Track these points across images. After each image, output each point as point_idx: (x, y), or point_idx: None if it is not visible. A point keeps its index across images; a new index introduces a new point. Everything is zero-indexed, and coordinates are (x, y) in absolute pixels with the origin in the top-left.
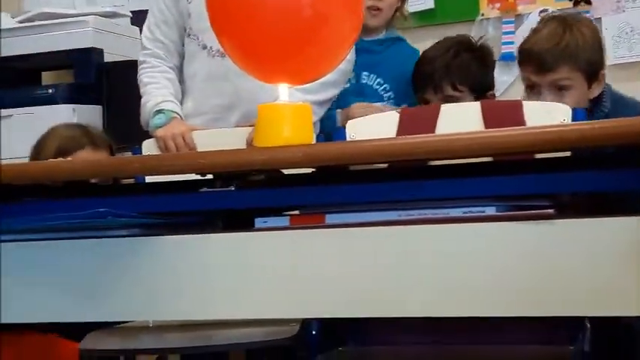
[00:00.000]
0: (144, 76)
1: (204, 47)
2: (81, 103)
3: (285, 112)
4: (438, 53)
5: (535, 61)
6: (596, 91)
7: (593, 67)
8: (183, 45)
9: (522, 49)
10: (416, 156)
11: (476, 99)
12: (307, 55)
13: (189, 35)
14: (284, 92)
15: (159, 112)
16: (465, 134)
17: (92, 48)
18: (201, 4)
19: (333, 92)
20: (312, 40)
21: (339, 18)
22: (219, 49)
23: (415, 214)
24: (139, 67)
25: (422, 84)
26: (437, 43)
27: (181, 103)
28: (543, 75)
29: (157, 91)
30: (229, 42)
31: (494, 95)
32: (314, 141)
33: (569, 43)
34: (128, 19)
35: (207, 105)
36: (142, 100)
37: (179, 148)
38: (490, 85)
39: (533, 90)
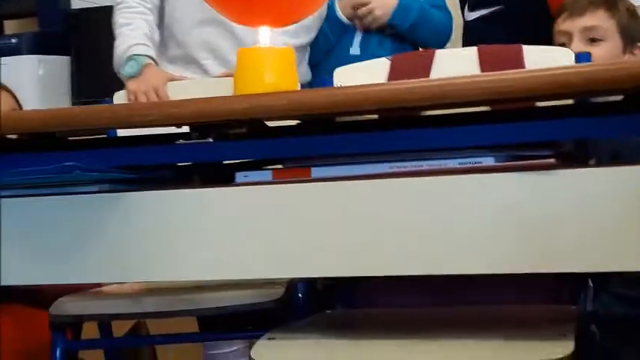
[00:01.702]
0: (119, 17)
1: None
2: (47, 54)
3: (267, 56)
4: None
5: (568, 5)
6: None
7: (631, 31)
8: None
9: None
10: (407, 103)
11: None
12: None
13: None
14: (265, 35)
15: (130, 58)
16: (459, 78)
17: None
18: None
19: (310, 36)
20: None
21: None
22: None
23: (408, 165)
24: (115, 7)
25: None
26: None
27: (162, 48)
28: (574, 20)
29: (130, 32)
30: None
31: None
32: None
33: None
34: None
35: (197, 54)
36: (115, 44)
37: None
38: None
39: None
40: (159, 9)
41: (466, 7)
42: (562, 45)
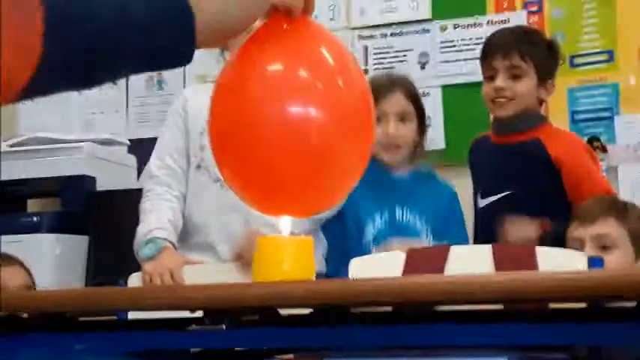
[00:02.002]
0: (146, 203)
1: (217, 180)
2: (67, 233)
3: (287, 245)
4: (513, 29)
5: (580, 213)
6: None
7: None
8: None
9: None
10: (422, 298)
11: (538, 81)
12: (314, 187)
13: (199, 167)
14: (286, 225)
15: (149, 241)
16: (473, 277)
17: (84, 176)
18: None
19: (316, 225)
20: (320, 171)
21: (347, 147)
22: None
23: None
24: (144, 195)
25: (491, 51)
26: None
27: (183, 238)
28: (586, 227)
29: (154, 217)
30: (230, 172)
31: (553, 86)
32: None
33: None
34: (125, 147)
35: (214, 239)
36: (137, 228)
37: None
38: (553, 74)
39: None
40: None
41: (478, 194)
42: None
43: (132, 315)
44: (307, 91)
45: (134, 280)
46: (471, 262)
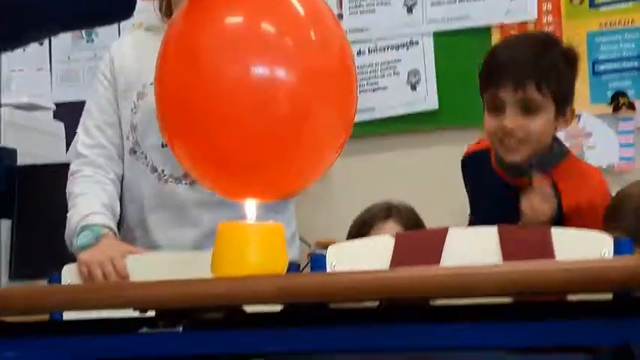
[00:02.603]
0: (74, 186)
1: (154, 170)
2: None
3: (252, 233)
4: (523, 42)
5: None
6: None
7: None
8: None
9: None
10: (415, 294)
11: (556, 113)
12: (285, 163)
13: (133, 152)
14: (251, 209)
15: (84, 228)
16: (477, 269)
17: (2, 148)
18: (150, 114)
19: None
20: (291, 145)
21: (324, 115)
22: (172, 173)
23: None
24: (71, 177)
25: (498, 76)
26: (514, 36)
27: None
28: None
29: (86, 202)
30: (183, 146)
31: (573, 112)
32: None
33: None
34: (50, 113)
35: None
36: (68, 216)
37: (107, 278)
38: (572, 97)
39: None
40: (121, 182)
41: (474, 217)
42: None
43: (67, 315)
44: (273, 48)
45: (69, 273)
46: (473, 247)
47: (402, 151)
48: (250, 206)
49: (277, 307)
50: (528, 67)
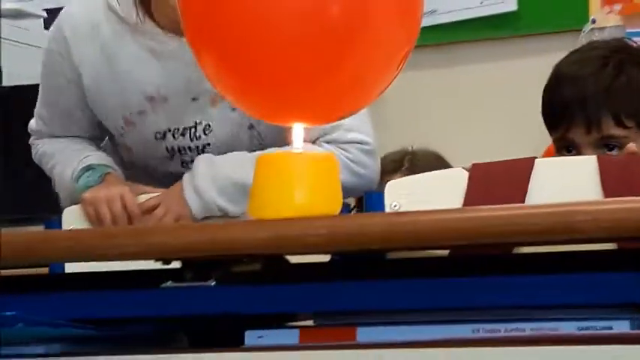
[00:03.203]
0: (45, 146)
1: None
2: None
3: (299, 164)
4: (590, 68)
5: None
6: None
7: None
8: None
9: None
10: (499, 238)
11: None
12: (336, 80)
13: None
14: (299, 136)
15: (85, 169)
16: (576, 206)
17: None
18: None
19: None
20: (343, 57)
21: (384, 19)
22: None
23: (500, 329)
24: (32, 143)
25: (564, 116)
26: (576, 51)
27: None
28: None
29: (72, 153)
30: (212, 57)
31: None
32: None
33: None
34: (41, 22)
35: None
36: (54, 174)
37: (116, 217)
38: None
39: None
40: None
41: None
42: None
43: (69, 267)
44: None
45: (71, 217)
46: (565, 181)
47: (471, 64)
48: (297, 131)
49: (325, 258)
50: (599, 99)
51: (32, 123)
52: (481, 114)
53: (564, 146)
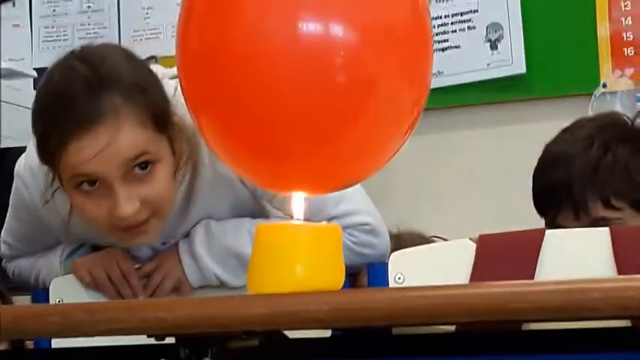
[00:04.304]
0: (22, 263)
1: None
2: None
3: (301, 236)
4: (576, 148)
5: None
6: None
7: None
8: None
9: None
10: (508, 315)
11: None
12: (340, 148)
13: None
14: (299, 206)
15: (75, 249)
16: (587, 283)
17: None
18: None
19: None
20: (348, 124)
21: (392, 85)
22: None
23: None
24: (8, 270)
25: (552, 201)
26: (567, 129)
27: None
28: None
29: (54, 250)
30: (212, 123)
31: None
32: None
33: None
34: (30, 82)
35: None
36: (41, 277)
37: (116, 282)
38: None
39: None
40: None
41: None
42: None
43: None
44: (329, 0)
45: (60, 289)
46: (577, 255)
47: (478, 128)
48: (298, 201)
49: (326, 333)
50: (585, 181)
51: (1, 247)
52: (488, 179)
53: (554, 227)
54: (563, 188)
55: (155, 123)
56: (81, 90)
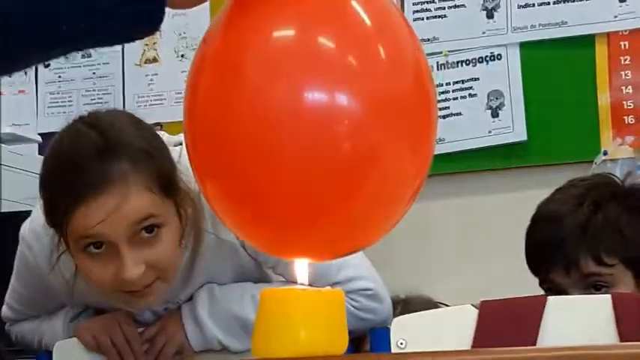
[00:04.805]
0: (24, 327)
1: None
2: None
3: (305, 302)
4: (566, 207)
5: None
6: None
7: None
8: None
9: None
10: None
11: (635, 278)
12: (345, 216)
13: None
14: (303, 272)
15: (79, 314)
16: (588, 349)
17: None
18: None
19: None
20: (353, 193)
21: (396, 154)
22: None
23: None
24: (11, 334)
25: (543, 258)
26: (560, 189)
27: None
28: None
29: (57, 314)
30: (217, 189)
31: None
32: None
33: None
34: (35, 147)
35: None
36: (44, 342)
37: (119, 347)
38: None
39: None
40: None
41: None
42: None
43: None
44: (333, 67)
45: (63, 353)
46: (578, 321)
47: (479, 195)
48: (301, 267)
49: None
50: (575, 239)
51: (5, 310)
52: (490, 245)
53: (549, 289)
54: (554, 245)
55: (162, 188)
56: (90, 156)
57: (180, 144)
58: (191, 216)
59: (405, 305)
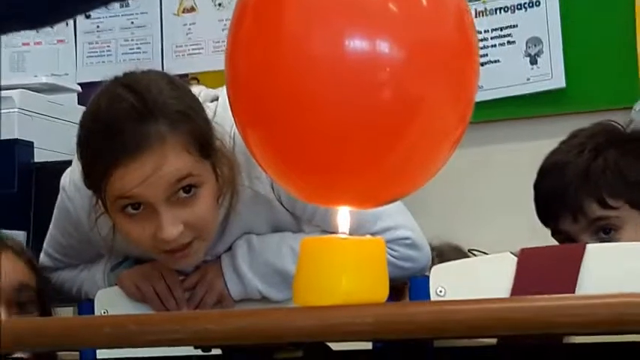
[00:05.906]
0: (64, 275)
1: None
2: None
3: (346, 250)
4: (568, 156)
5: None
6: None
7: None
8: None
9: None
10: (550, 329)
11: None
12: (387, 163)
13: None
14: (345, 220)
15: (119, 264)
16: (626, 297)
17: (16, 140)
18: None
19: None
20: (395, 141)
21: (439, 102)
22: None
23: None
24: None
25: (552, 209)
26: (563, 141)
27: None
28: None
29: (96, 265)
30: (259, 138)
31: None
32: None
33: None
34: (75, 96)
35: None
36: (83, 291)
37: (161, 294)
38: None
39: None
40: None
41: None
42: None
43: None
44: (374, 16)
45: (105, 300)
46: (618, 269)
47: (517, 142)
48: (344, 215)
49: (367, 345)
50: (577, 185)
51: (43, 258)
52: (526, 193)
53: (561, 239)
54: (559, 194)
55: (199, 148)
56: (128, 119)
57: (217, 99)
58: (227, 174)
59: (436, 253)
